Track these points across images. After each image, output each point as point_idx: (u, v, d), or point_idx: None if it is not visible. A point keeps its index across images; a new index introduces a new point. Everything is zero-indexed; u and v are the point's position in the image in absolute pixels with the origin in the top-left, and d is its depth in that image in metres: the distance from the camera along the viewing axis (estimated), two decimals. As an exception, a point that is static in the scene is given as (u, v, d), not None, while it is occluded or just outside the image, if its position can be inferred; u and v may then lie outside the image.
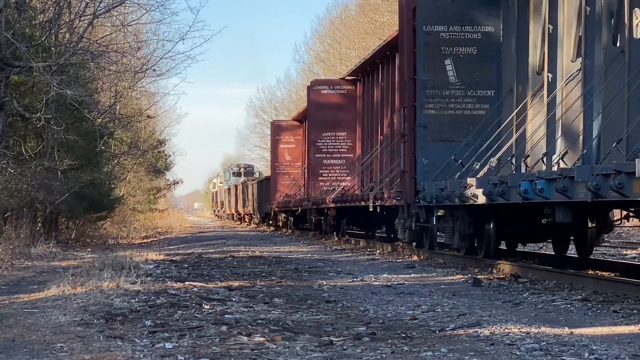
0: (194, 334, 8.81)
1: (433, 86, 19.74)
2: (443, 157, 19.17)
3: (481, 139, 18.34)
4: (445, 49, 19.61)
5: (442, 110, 19.71)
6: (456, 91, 19.64)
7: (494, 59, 19.46)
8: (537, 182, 13.46)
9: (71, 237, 31.55)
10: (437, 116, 19.70)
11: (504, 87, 18.95)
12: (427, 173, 19.54)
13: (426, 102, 19.77)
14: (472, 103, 19.66)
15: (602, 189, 11.74)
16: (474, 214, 17.42)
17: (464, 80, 19.65)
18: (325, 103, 33.02)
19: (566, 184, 12.73)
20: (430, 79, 19.71)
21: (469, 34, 19.56)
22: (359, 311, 10.81)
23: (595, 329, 9.33)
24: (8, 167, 21.73)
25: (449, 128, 19.70)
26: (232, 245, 28.40)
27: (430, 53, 19.71)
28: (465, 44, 19.60)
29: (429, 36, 19.65)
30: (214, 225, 70.92)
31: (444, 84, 19.69)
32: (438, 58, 19.62)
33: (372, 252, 23.73)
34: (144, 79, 31.66)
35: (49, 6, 24.35)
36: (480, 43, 19.56)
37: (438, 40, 19.64)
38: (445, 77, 19.63)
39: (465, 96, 19.67)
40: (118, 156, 37.65)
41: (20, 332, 9.10)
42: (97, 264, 16.59)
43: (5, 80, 22.16)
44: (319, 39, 72.49)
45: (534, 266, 16.24)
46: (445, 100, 19.73)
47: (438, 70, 19.66)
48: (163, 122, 56.96)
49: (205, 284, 14.06)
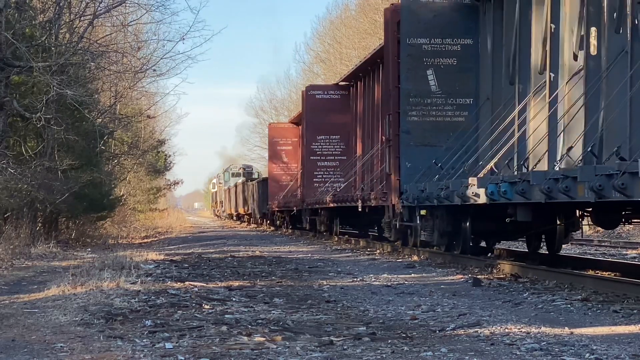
0: (194, 334, 8.81)
1: (416, 95, 20.95)
2: (425, 160, 20.34)
3: (460, 143, 19.57)
4: (427, 60, 20.87)
5: (424, 117, 20.94)
6: (437, 99, 20.89)
7: (472, 70, 20.62)
8: (501, 185, 14.75)
9: (71, 237, 31.56)
10: (420, 122, 20.93)
11: (481, 95, 20.14)
12: (410, 176, 20.74)
13: (409, 109, 20.98)
14: (452, 110, 20.89)
15: (553, 192, 13.03)
16: (451, 213, 18.64)
17: (444, 89, 20.86)
18: (319, 107, 34.24)
19: (524, 187, 13.98)
20: (413, 88, 20.94)
21: (449, 46, 20.80)
22: (359, 311, 10.82)
23: (595, 328, 9.33)
24: (8, 167, 21.73)
25: (430, 134, 20.89)
26: (232, 245, 28.41)
27: (413, 64, 20.90)
28: (446, 55, 20.83)
29: (412, 48, 20.86)
30: (214, 225, 70.93)
31: (426, 92, 20.90)
32: (420, 68, 20.85)
33: (372, 252, 23.74)
34: (144, 79, 31.71)
35: (49, 6, 24.36)
36: (459, 55, 20.78)
37: (420, 52, 20.83)
38: (427, 86, 20.88)
39: (445, 104, 20.90)
40: (118, 156, 37.68)
41: (20, 332, 9.10)
42: (97, 264, 16.60)
43: (6, 80, 22.16)
44: (319, 39, 72.51)
45: (534, 266, 16.26)
46: (427, 108, 20.94)
47: (420, 79, 20.86)
48: (163, 122, 57.03)
49: (206, 284, 14.06)
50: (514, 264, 16.26)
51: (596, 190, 11.73)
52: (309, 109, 34.88)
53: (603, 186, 11.68)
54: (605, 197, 11.74)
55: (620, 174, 11.23)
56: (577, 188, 12.39)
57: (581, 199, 12.39)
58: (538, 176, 13.65)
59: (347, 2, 67.00)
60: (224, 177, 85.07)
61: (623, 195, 11.26)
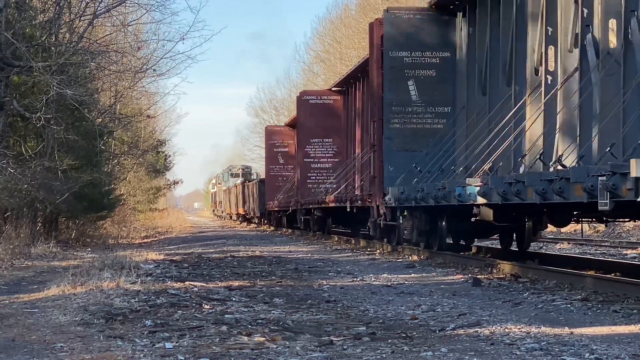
0: (194, 334, 8.81)
1: (398, 104, 22.45)
2: (406, 164, 21.86)
3: (438, 148, 21.03)
4: (408, 71, 22.39)
5: (406, 124, 22.49)
6: (417, 108, 22.44)
7: (450, 80, 22.08)
8: (467, 188, 16.34)
9: (71, 237, 31.56)
10: (401, 129, 22.49)
11: (457, 104, 21.53)
12: (392, 178, 22.19)
13: (392, 117, 22.48)
14: (431, 118, 22.44)
15: (508, 194, 14.60)
16: (428, 213, 20.22)
17: (424, 99, 22.39)
18: (313, 112, 35.74)
19: (486, 190, 15.52)
20: (395, 97, 22.44)
21: (429, 59, 22.36)
22: (359, 311, 10.82)
23: (595, 328, 9.33)
24: (8, 167, 21.72)
25: (411, 139, 22.43)
26: (232, 245, 28.41)
27: (395, 75, 22.40)
28: (426, 67, 22.39)
29: (394, 60, 22.37)
30: (214, 225, 70.92)
31: (407, 101, 22.45)
32: (402, 79, 22.36)
33: (372, 252, 23.74)
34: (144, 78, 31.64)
35: (49, 6, 24.35)
36: (438, 67, 22.31)
37: (402, 64, 22.35)
38: (408, 95, 22.42)
39: (425, 112, 22.44)
40: (118, 156, 37.67)
41: (20, 331, 9.10)
42: (97, 263, 16.60)
43: (6, 80, 22.15)
44: (319, 39, 72.50)
45: (534, 266, 16.32)
46: (408, 116, 22.49)
47: (402, 90, 22.39)
48: (163, 122, 56.99)
49: (206, 283, 14.06)
50: (513, 264, 16.30)
51: (540, 194, 13.26)
52: (303, 113, 36.24)
53: (546, 190, 13.21)
54: (548, 200, 13.27)
55: (558, 179, 12.80)
56: (527, 191, 13.90)
57: (530, 200, 13.95)
58: (496, 181, 15.32)
59: (347, 2, 67.05)
60: (223, 177, 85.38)
61: (561, 197, 12.84)
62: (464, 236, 21.13)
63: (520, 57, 17.23)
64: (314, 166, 36.16)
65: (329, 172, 35.21)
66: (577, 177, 12.34)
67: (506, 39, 17.95)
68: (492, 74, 18.92)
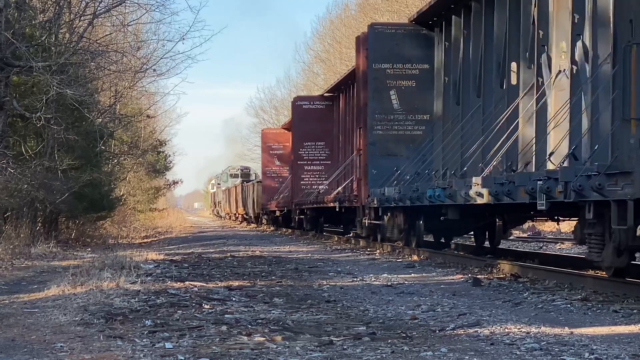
0: (194, 334, 8.81)
1: (380, 112, 24.07)
2: (388, 168, 23.53)
3: (417, 153, 22.60)
4: (391, 82, 23.98)
5: (388, 131, 24.08)
6: (399, 116, 24.04)
7: (428, 90, 23.40)
8: (436, 190, 18.18)
9: (71, 237, 31.55)
10: (384, 135, 24.07)
11: (435, 112, 22.97)
12: (376, 181, 23.86)
13: (375, 124, 24.11)
14: (411, 125, 24.06)
15: (470, 196, 16.25)
16: (407, 213, 21.90)
17: (405, 107, 23.99)
18: (306, 117, 37.30)
19: (451, 192, 17.40)
20: (378, 106, 24.09)
21: (409, 70, 24.01)
22: (359, 311, 10.82)
23: (595, 328, 9.33)
24: (8, 167, 21.72)
25: (393, 145, 24.01)
26: (232, 245, 28.41)
27: (379, 85, 24.03)
28: (406, 78, 24.00)
29: (378, 72, 24.00)
30: (214, 225, 70.92)
31: (390, 110, 24.05)
32: (385, 89, 24.00)
33: (372, 252, 23.75)
34: (144, 78, 31.64)
35: (49, 6, 24.34)
36: (418, 77, 23.92)
37: (384, 76, 23.97)
38: (390, 104, 24.01)
39: (406, 120, 24.06)
40: (118, 156, 37.67)
41: (20, 331, 9.10)
42: (97, 263, 16.59)
43: (5, 80, 22.14)
44: (319, 39, 72.49)
45: (534, 266, 16.34)
46: (390, 123, 24.10)
47: (385, 99, 24.02)
48: (163, 122, 56.99)
49: (206, 283, 14.06)
50: (513, 263, 16.34)
51: (494, 195, 15.07)
52: (297, 117, 38.01)
53: (498, 192, 14.92)
54: (500, 200, 15.00)
55: (507, 183, 14.56)
56: (484, 193, 15.54)
57: (487, 201, 15.63)
58: (459, 184, 17.05)
59: (347, 2, 67.04)
60: (222, 177, 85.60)
61: (510, 198, 14.58)
62: (442, 234, 22.76)
63: (487, 71, 18.61)
64: (307, 168, 37.72)
65: (322, 173, 36.76)
66: (520, 181, 14.12)
67: (476, 54, 19.34)
68: (464, 85, 20.23)
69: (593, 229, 12.70)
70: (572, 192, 12.09)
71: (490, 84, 18.42)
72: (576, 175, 12.03)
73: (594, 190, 11.63)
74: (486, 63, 18.69)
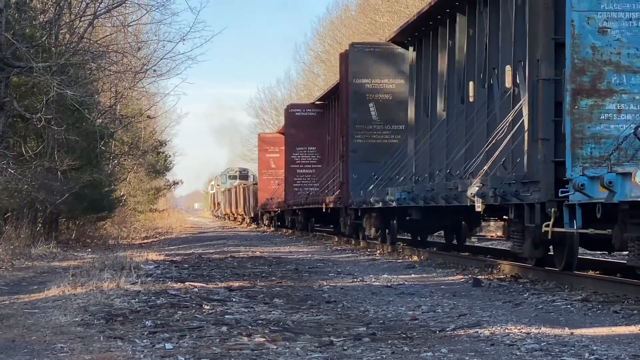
0: (194, 335, 8.81)
1: (360, 122, 26.56)
2: (367, 173, 25.60)
3: (393, 159, 24.34)
4: (369, 95, 26.48)
5: (367, 140, 26.51)
6: (377, 126, 26.51)
7: (403, 103, 25.01)
8: (402, 194, 20.65)
9: (71, 238, 31.55)
10: (363, 144, 26.50)
11: (409, 123, 24.35)
12: (356, 185, 26.16)
13: (355, 133, 26.58)
14: (388, 134, 26.40)
15: (427, 199, 19.07)
16: (382, 213, 24.13)
17: (382, 118, 26.45)
18: (298, 123, 39.39)
19: (414, 195, 20.11)
20: (358, 117, 26.60)
21: (386, 85, 26.50)
22: (359, 311, 10.82)
23: (595, 329, 9.33)
24: (8, 168, 21.72)
25: (371, 152, 26.28)
26: (232, 246, 28.41)
27: (359, 98, 26.53)
28: (384, 92, 26.50)
29: (358, 86, 26.53)
30: (214, 225, 70.92)
31: (368, 120, 26.54)
32: (364, 102, 26.48)
33: (372, 252, 23.75)
34: (145, 79, 31.64)
35: (49, 6, 24.35)
36: (394, 91, 26.35)
37: (364, 89, 26.47)
38: (369, 115, 26.50)
39: (383, 129, 26.49)
40: (118, 157, 37.66)
41: (20, 332, 9.11)
42: (98, 264, 16.60)
43: (6, 80, 22.14)
44: (319, 39, 72.48)
45: (535, 267, 16.31)
46: (369, 132, 26.52)
47: (364, 111, 26.50)
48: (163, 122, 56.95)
49: (206, 284, 14.06)
50: (513, 264, 16.33)
51: (445, 199, 17.78)
52: (290, 124, 40.10)
53: (448, 195, 17.54)
54: (450, 203, 17.61)
55: (454, 188, 17.09)
56: (438, 197, 18.33)
57: (440, 204, 18.28)
58: (419, 188, 20.01)
59: (347, 3, 67.02)
60: (221, 178, 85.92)
61: (457, 202, 17.12)
62: (415, 232, 25.23)
63: (451, 87, 20.18)
64: (299, 171, 39.67)
65: (313, 177, 38.77)
66: (463, 187, 16.48)
67: (442, 71, 20.97)
68: (432, 99, 21.72)
69: (515, 227, 15.17)
70: (498, 196, 14.80)
71: (453, 99, 19.97)
72: (501, 183, 14.77)
73: (513, 196, 14.47)
74: (450, 81, 20.25)
